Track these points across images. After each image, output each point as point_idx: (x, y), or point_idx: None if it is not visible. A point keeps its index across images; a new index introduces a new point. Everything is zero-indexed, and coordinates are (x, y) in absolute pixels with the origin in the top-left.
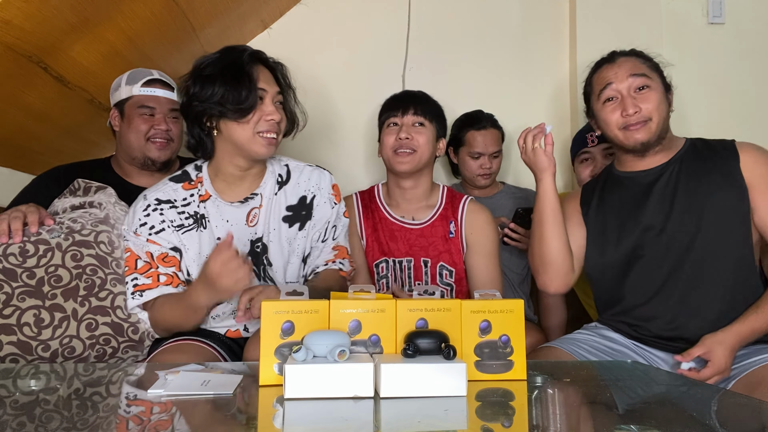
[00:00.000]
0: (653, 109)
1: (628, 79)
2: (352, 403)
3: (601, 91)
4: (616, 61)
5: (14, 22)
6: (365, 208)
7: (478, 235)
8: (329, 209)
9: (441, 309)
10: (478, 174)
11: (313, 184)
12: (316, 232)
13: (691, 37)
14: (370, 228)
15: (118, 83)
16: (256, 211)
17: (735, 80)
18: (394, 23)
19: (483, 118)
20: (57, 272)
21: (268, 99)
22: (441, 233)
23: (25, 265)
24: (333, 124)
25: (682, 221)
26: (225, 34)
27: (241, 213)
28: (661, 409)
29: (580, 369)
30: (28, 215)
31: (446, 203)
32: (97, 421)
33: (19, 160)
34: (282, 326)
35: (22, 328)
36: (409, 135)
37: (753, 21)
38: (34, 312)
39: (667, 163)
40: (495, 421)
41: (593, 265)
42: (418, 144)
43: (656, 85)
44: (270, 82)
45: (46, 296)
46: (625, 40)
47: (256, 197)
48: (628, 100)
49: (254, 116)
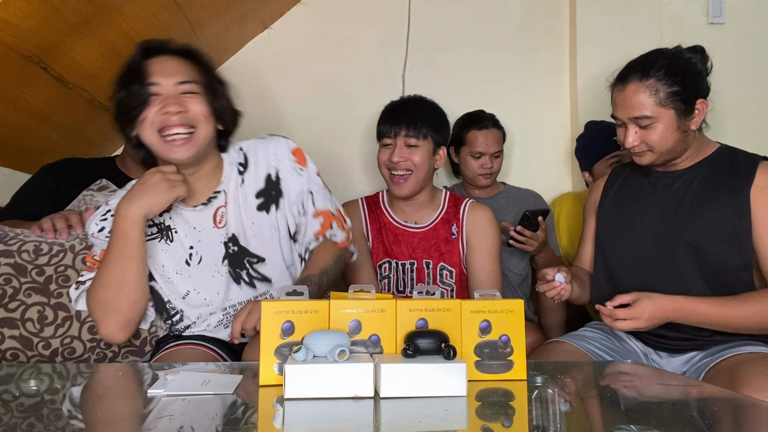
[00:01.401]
0: (656, 143)
1: (630, 118)
2: (352, 403)
3: (612, 109)
4: (626, 88)
5: (14, 22)
6: (370, 212)
7: (479, 233)
8: (297, 179)
9: (441, 309)
10: (479, 174)
11: (271, 157)
12: (294, 207)
13: (691, 38)
14: (375, 230)
15: None
16: (222, 210)
17: (735, 80)
18: (394, 23)
19: (485, 117)
20: (66, 272)
21: (165, 91)
22: (443, 235)
23: (37, 262)
24: (333, 124)
25: (679, 228)
26: (225, 34)
27: (206, 216)
28: (661, 409)
29: (580, 369)
30: (70, 217)
31: (449, 206)
32: (97, 421)
33: (19, 160)
34: (282, 326)
35: (26, 324)
36: (401, 157)
37: (753, 21)
38: (38, 308)
39: (689, 168)
40: (495, 421)
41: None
42: (412, 164)
43: (665, 117)
44: (169, 73)
45: (52, 294)
46: (625, 40)
47: (219, 195)
48: (630, 133)
49: (149, 112)
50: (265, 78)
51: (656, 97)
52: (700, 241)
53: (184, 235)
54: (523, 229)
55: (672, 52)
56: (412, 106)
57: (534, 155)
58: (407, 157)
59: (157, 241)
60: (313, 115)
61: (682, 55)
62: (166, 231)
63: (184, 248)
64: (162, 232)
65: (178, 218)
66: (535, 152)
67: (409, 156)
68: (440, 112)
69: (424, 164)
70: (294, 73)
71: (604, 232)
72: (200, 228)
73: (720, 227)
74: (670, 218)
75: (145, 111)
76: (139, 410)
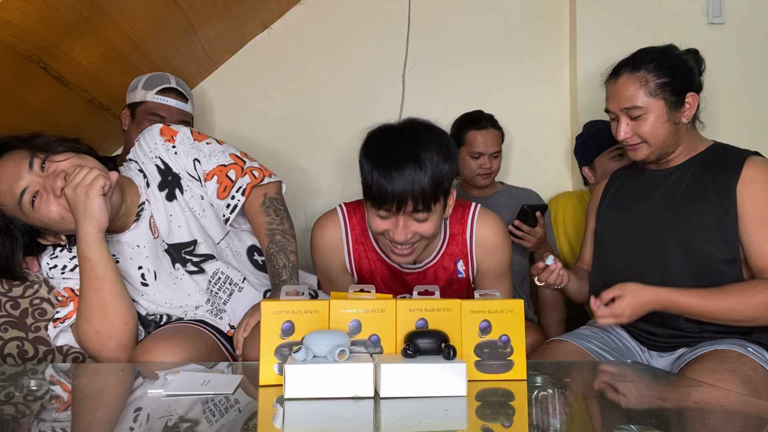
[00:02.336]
0: (648, 134)
1: (621, 109)
2: (352, 403)
3: (606, 103)
4: (618, 80)
5: (14, 22)
6: (355, 242)
7: (491, 261)
8: (176, 157)
9: (441, 309)
10: (478, 174)
11: (149, 149)
12: (193, 182)
13: (691, 37)
14: (363, 268)
15: (135, 84)
16: (152, 220)
17: (735, 80)
18: (394, 23)
19: (483, 118)
20: (42, 305)
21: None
22: (446, 275)
23: (10, 294)
24: (332, 124)
25: (669, 225)
26: (225, 34)
27: (142, 230)
28: (661, 409)
29: (580, 369)
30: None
31: (450, 238)
32: (97, 421)
33: None
34: (282, 326)
35: (6, 359)
36: (408, 233)
37: (753, 21)
38: (17, 344)
39: (681, 165)
40: (495, 421)
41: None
42: (420, 236)
43: (655, 108)
44: (24, 170)
45: (29, 328)
46: (625, 39)
47: (145, 205)
48: (622, 125)
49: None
50: (265, 78)
51: (646, 88)
52: (689, 237)
53: (129, 259)
54: (520, 223)
55: (663, 47)
56: (414, 157)
57: (533, 155)
58: (415, 231)
59: None
60: (313, 115)
61: (672, 51)
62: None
63: (135, 271)
64: None
65: (116, 246)
66: (535, 152)
67: (417, 229)
68: (448, 148)
69: (437, 226)
70: (294, 73)
71: (602, 231)
72: (142, 244)
73: (708, 223)
74: (662, 215)
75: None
76: (139, 410)
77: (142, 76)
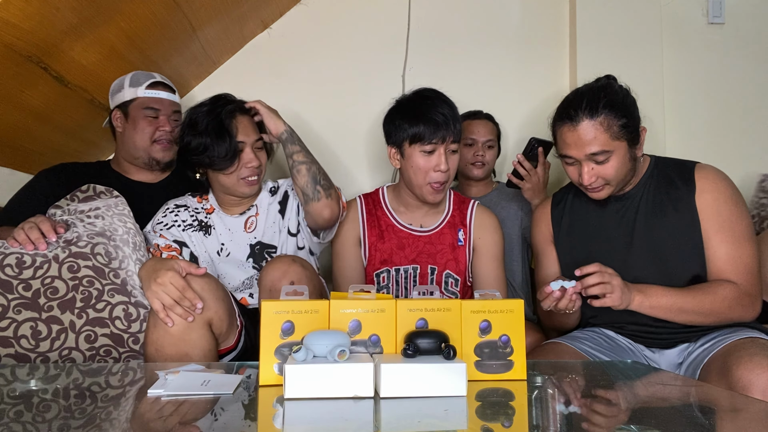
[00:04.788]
0: (613, 176)
1: (587, 155)
2: (352, 403)
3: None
4: (578, 127)
5: (14, 22)
6: (369, 215)
7: (487, 239)
8: (291, 201)
9: (441, 309)
10: (471, 162)
11: (284, 190)
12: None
13: (691, 38)
14: (375, 236)
15: (120, 85)
16: (252, 219)
17: (735, 80)
18: (394, 23)
19: (478, 111)
20: (53, 284)
21: (248, 148)
22: (449, 241)
23: (21, 276)
24: (333, 124)
25: (640, 253)
26: (225, 34)
27: (239, 222)
28: (661, 409)
29: (580, 369)
30: (40, 225)
31: (454, 209)
32: (97, 421)
33: (19, 160)
34: (282, 326)
35: (20, 341)
36: (447, 166)
37: (753, 21)
38: (30, 324)
39: (633, 190)
40: (495, 421)
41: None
42: (451, 173)
43: (619, 149)
44: (249, 131)
45: (42, 308)
46: (625, 39)
47: (252, 208)
48: (585, 170)
49: (236, 167)
50: (265, 78)
51: (610, 132)
52: (666, 258)
53: (219, 233)
54: (524, 158)
55: (603, 84)
56: (445, 106)
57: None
58: (450, 166)
59: (197, 232)
60: (313, 115)
61: (614, 87)
62: (206, 227)
63: (218, 242)
64: (201, 227)
65: (217, 219)
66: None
67: (452, 164)
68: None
69: (457, 168)
70: (294, 73)
71: (566, 266)
72: (233, 230)
73: (678, 241)
74: (629, 245)
75: (234, 165)
76: (139, 410)
77: (124, 77)
